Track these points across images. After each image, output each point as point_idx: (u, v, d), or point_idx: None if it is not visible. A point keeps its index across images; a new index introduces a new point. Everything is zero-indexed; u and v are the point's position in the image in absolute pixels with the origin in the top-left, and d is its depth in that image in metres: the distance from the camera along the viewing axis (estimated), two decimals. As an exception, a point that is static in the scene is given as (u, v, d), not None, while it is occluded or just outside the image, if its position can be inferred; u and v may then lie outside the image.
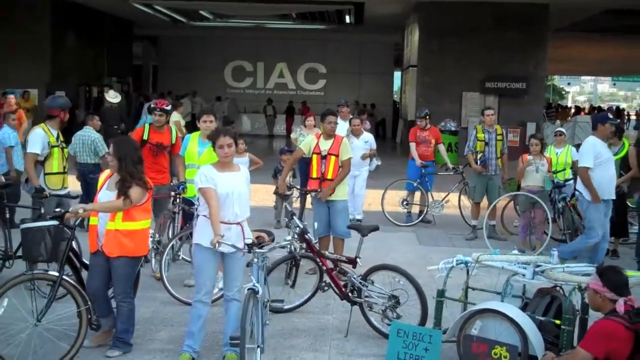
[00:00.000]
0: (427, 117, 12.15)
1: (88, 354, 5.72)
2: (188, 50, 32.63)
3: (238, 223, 5.66)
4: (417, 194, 12.05)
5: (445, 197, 12.17)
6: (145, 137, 8.36)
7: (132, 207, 5.66)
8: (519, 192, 10.33)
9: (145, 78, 35.93)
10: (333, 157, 8.17)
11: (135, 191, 5.65)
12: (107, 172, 5.96)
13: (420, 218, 11.89)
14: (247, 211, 5.79)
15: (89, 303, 5.59)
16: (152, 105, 8.94)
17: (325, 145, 8.25)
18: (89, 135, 9.98)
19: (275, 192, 11.07)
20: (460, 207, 12.10)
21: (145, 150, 7.93)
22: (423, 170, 11.87)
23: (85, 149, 9.91)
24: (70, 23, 24.77)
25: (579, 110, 36.16)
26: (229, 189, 5.60)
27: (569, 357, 4.52)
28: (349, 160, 8.30)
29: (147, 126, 8.53)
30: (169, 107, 8.79)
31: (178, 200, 7.94)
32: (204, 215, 5.63)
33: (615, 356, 4.26)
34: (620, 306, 4.40)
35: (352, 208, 10.72)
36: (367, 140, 11.39)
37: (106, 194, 5.74)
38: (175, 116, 14.67)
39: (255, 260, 5.46)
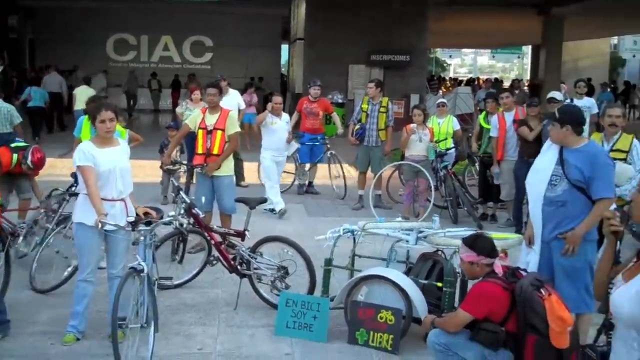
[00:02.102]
0: (320, 86, 12.15)
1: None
2: (67, 23, 31.26)
3: (122, 199, 5.53)
4: (307, 165, 12.15)
5: (310, 167, 12.24)
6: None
7: None
8: (403, 162, 10.59)
9: (21, 52, 34.23)
10: (219, 132, 8.08)
11: None
12: None
13: (288, 188, 12.12)
14: (130, 186, 5.66)
15: None
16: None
17: (211, 120, 8.14)
18: (3, 106, 9.81)
19: (162, 168, 10.88)
20: (331, 177, 12.22)
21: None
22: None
23: (1, 119, 9.66)
24: None
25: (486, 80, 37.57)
26: (110, 165, 5.44)
27: (449, 319, 4.69)
28: (236, 134, 8.23)
29: (14, 158, 7.85)
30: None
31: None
32: (85, 194, 5.45)
33: (493, 316, 4.46)
34: (498, 267, 4.58)
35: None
36: (289, 120, 10.97)
37: None
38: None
39: (142, 238, 5.35)
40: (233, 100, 12.43)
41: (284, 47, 35.65)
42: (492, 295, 4.45)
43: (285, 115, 10.88)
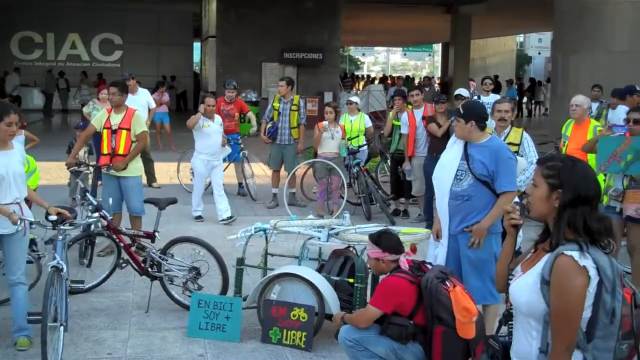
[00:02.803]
0: (235, 88, 12.00)
1: None
2: (-33, 20, 29.98)
3: (17, 203, 5.34)
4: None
5: (226, 167, 11.91)
6: None
7: None
8: (316, 160, 10.63)
9: None
10: (124, 132, 7.89)
11: None
12: None
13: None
14: (25, 192, 5.46)
15: None
16: None
17: (116, 120, 7.96)
18: None
19: (68, 169, 10.57)
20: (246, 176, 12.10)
21: None
22: None
23: None
24: None
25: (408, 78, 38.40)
26: (3, 170, 5.23)
27: (359, 314, 4.74)
28: (144, 133, 8.04)
29: None
30: None
31: None
32: None
33: (401, 309, 4.53)
34: (404, 263, 4.66)
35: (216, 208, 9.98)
36: (222, 122, 10.41)
37: None
38: None
39: (60, 237, 5.22)
40: (142, 99, 12.22)
41: (196, 45, 35.21)
42: (399, 290, 4.53)
43: (218, 118, 10.33)
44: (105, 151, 7.97)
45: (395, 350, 4.52)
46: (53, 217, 5.25)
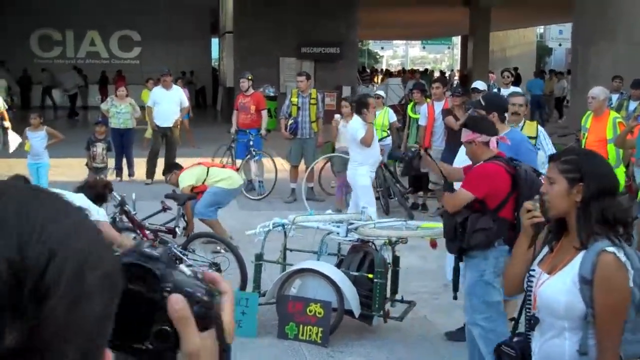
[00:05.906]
0: (249, 79, 11.73)
1: None
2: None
3: None
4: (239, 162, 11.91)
5: (225, 162, 11.67)
6: None
7: None
8: (333, 154, 10.59)
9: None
10: None
11: None
12: None
13: None
14: None
15: None
16: None
17: None
18: None
19: (87, 165, 10.62)
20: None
21: None
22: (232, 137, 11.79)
23: None
24: None
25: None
26: None
27: (450, 197, 4.65)
28: (186, 187, 7.96)
29: None
30: None
31: None
32: None
33: (493, 196, 4.40)
34: (493, 143, 4.54)
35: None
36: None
37: None
38: None
39: None
40: (176, 96, 12.15)
41: (214, 41, 35.24)
42: (496, 175, 4.42)
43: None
44: None
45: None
46: None
